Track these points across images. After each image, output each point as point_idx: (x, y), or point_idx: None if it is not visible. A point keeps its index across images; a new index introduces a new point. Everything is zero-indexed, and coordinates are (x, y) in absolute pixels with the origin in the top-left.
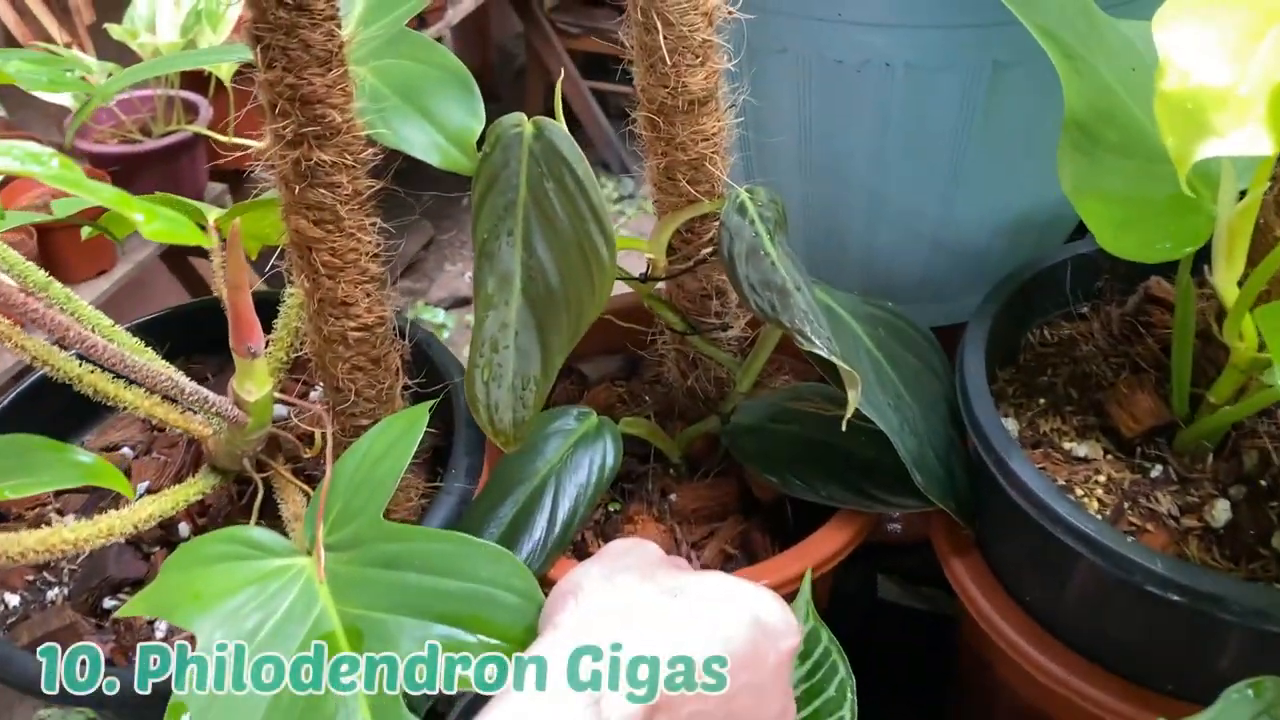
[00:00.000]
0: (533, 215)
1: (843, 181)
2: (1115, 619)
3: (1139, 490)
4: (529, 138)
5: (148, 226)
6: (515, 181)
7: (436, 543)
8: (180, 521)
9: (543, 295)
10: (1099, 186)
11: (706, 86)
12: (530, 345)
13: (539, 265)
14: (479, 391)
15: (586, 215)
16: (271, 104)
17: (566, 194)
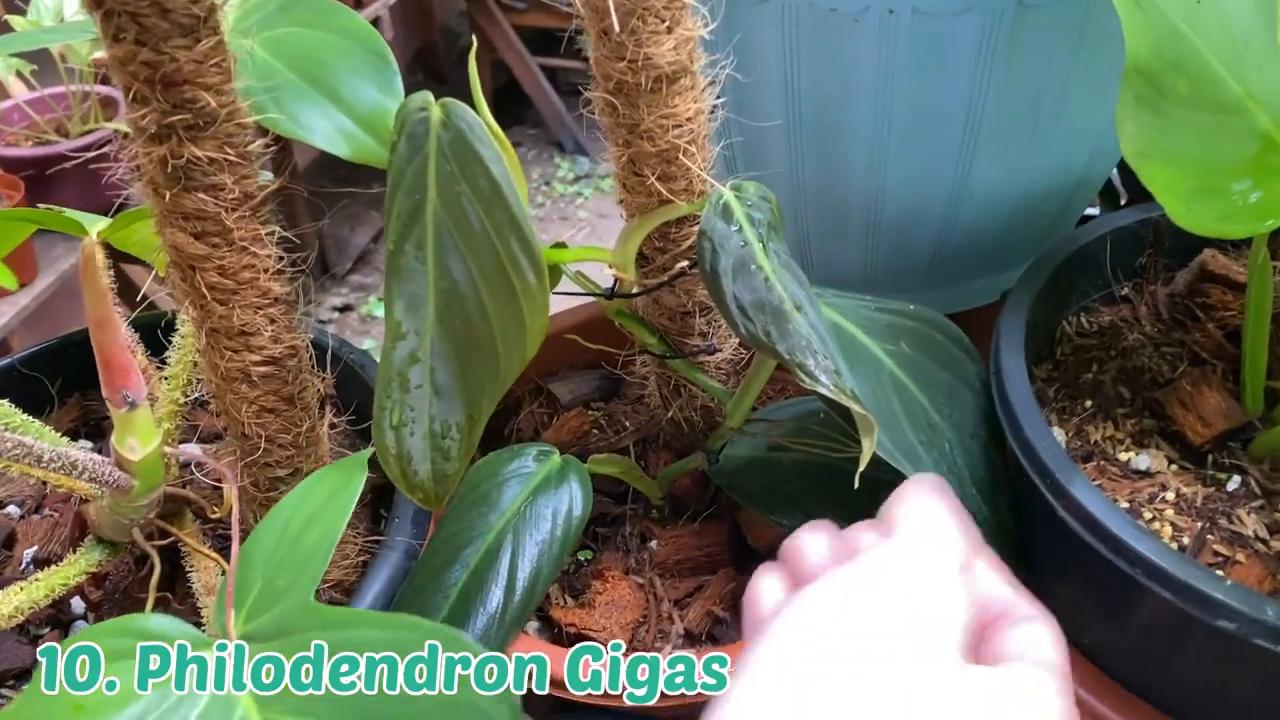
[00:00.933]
0: (445, 225)
1: (839, 158)
2: (1206, 671)
3: (1217, 509)
4: (436, 125)
5: None
6: (422, 181)
7: (382, 629)
8: (72, 596)
9: (462, 326)
10: (1168, 148)
11: (676, 59)
12: (449, 385)
13: (454, 289)
14: (387, 439)
15: (506, 229)
16: (126, 88)
17: (482, 200)
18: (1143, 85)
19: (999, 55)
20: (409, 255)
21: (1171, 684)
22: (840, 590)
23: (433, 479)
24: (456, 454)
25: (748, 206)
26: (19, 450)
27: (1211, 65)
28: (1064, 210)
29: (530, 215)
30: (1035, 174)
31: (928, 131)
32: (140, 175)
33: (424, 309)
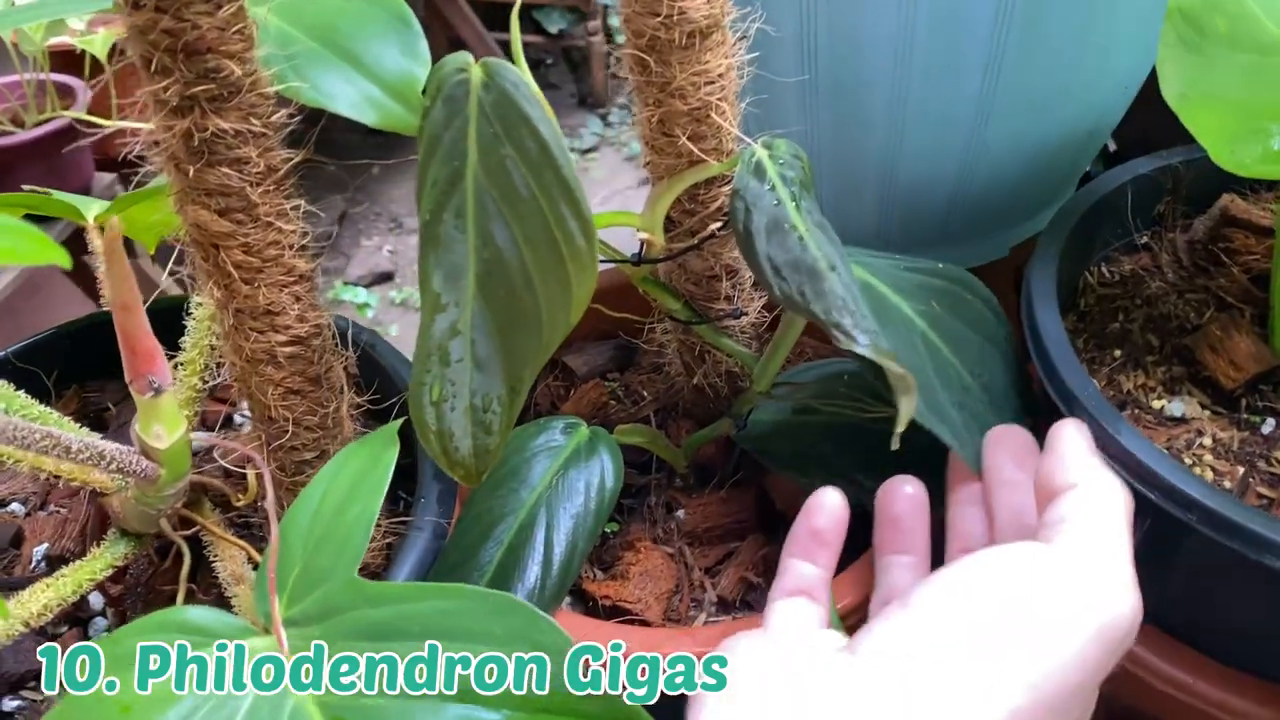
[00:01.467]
0: (486, 191)
1: (856, 116)
2: (1255, 614)
3: (1255, 452)
4: (477, 87)
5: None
6: (462, 146)
7: (433, 599)
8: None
9: (505, 295)
10: (1210, 90)
11: (710, 13)
12: (490, 357)
13: (497, 256)
14: (427, 415)
15: (555, 192)
16: (146, 59)
17: (529, 163)
18: (1184, 26)
19: (1019, 6)
20: (447, 224)
21: (1219, 628)
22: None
23: (474, 454)
24: (498, 428)
25: (780, 165)
26: (47, 441)
27: (1249, 5)
28: (1074, 163)
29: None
30: (1052, 124)
31: (946, 86)
32: (160, 151)
33: (464, 279)
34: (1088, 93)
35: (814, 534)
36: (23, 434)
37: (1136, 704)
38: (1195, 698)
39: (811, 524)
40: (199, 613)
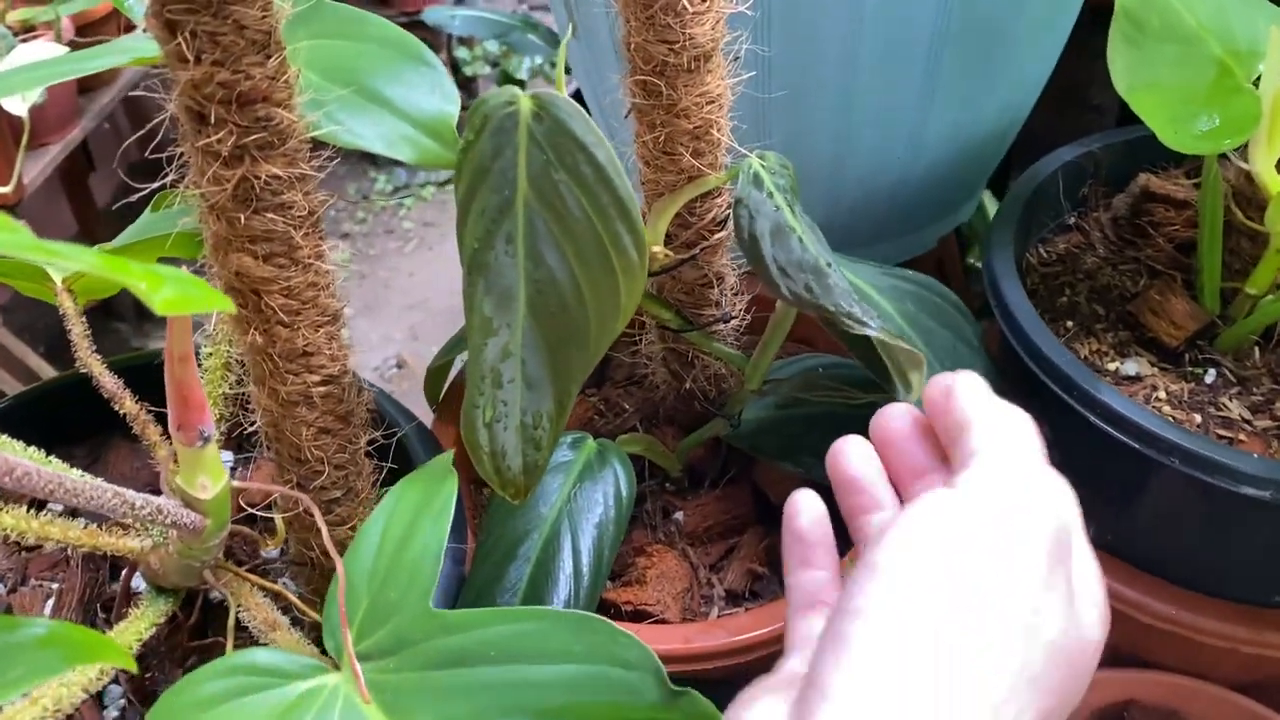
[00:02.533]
0: (538, 216)
1: (808, 119)
2: (1227, 538)
3: (1204, 399)
4: (526, 118)
5: (156, 296)
6: (511, 175)
7: (510, 623)
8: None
9: (556, 313)
10: (1151, 79)
11: (713, 37)
12: (540, 375)
13: (549, 276)
14: (480, 437)
15: (611, 211)
16: (197, 112)
17: (584, 186)
18: (1127, 24)
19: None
20: (498, 250)
21: (1193, 559)
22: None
23: (523, 471)
24: (546, 443)
25: (773, 174)
26: (116, 502)
27: (1171, 1)
28: (995, 157)
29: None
30: (984, 116)
31: (890, 91)
32: (203, 202)
33: (515, 302)
34: (1008, 92)
35: (800, 538)
36: (88, 494)
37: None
38: (1178, 626)
39: (794, 529)
40: (265, 655)
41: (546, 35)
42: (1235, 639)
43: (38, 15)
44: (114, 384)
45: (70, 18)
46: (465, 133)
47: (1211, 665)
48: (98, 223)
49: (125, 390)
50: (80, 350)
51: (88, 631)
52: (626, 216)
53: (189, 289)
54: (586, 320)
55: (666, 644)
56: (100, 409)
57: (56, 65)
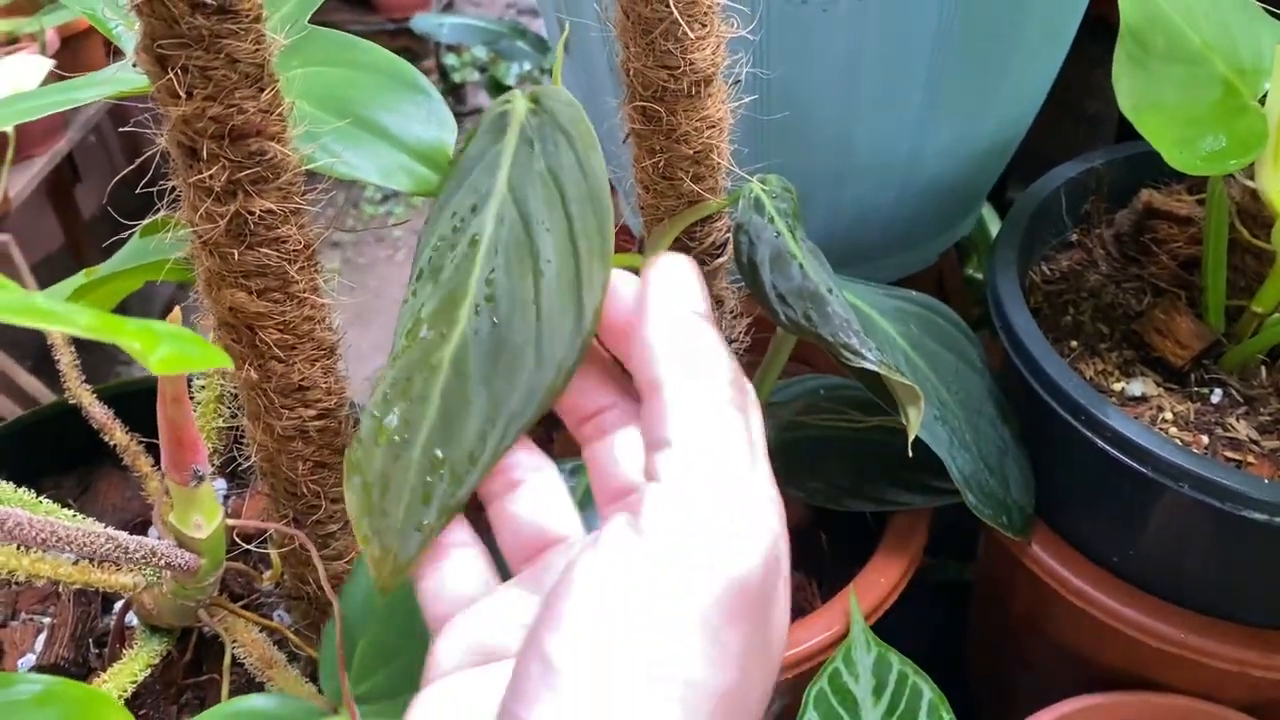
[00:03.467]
0: (509, 213)
1: (807, 138)
2: (1236, 562)
3: (1211, 420)
4: (521, 115)
5: (153, 356)
6: (492, 174)
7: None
8: None
9: (502, 326)
10: (1156, 99)
11: (714, 61)
12: (462, 403)
13: (504, 280)
14: (360, 455)
15: (586, 208)
16: (189, 148)
17: (558, 178)
18: (1133, 44)
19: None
20: (458, 252)
21: (1201, 582)
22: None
23: (399, 529)
24: (440, 502)
25: (774, 199)
26: (108, 545)
27: (1177, 22)
28: (993, 173)
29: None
30: (984, 130)
31: (891, 103)
32: (194, 238)
33: (459, 310)
34: (1008, 106)
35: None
36: (78, 539)
37: (1124, 665)
38: (1185, 649)
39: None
40: (262, 700)
41: (535, 42)
42: (1245, 662)
43: (21, 26)
44: (103, 414)
45: (55, 29)
46: (458, 142)
47: (1220, 688)
48: (83, 234)
49: (115, 421)
50: (69, 381)
51: (84, 688)
52: (600, 215)
53: (185, 347)
54: (536, 339)
55: None
56: (89, 437)
57: (44, 97)
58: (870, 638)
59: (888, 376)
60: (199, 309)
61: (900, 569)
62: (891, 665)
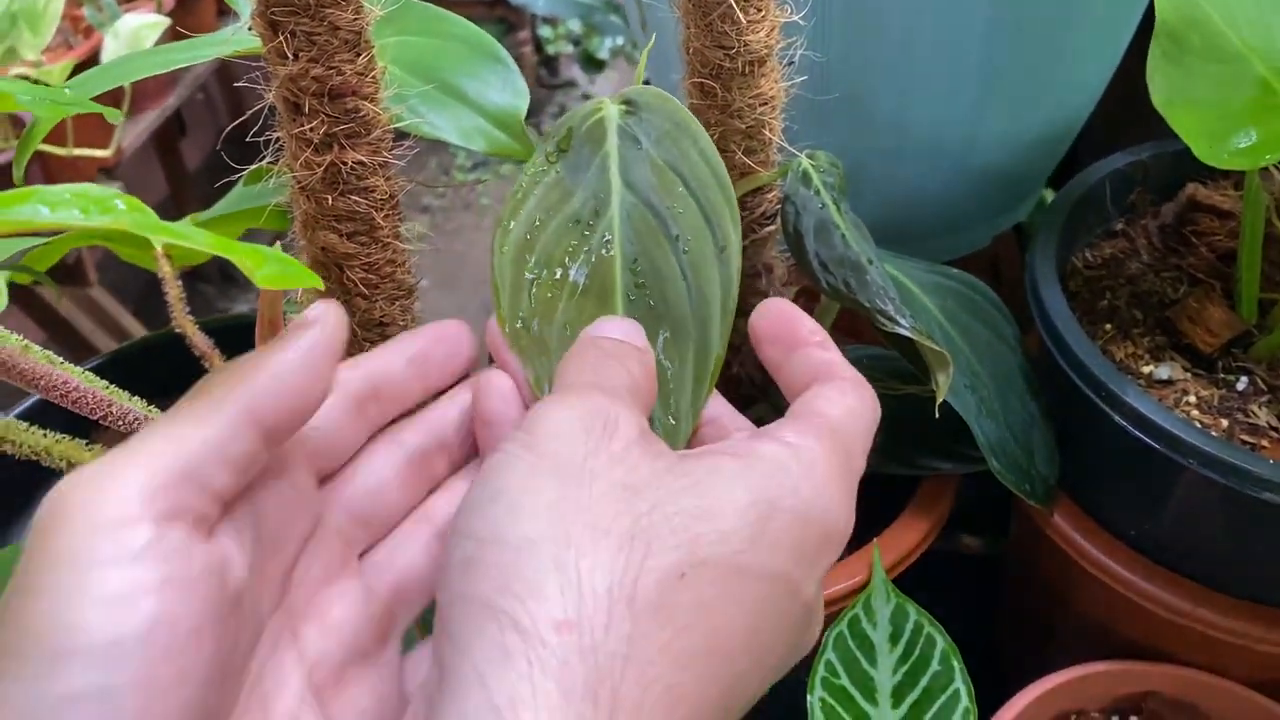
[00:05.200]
0: (635, 211)
1: (863, 119)
2: (1245, 541)
3: (1233, 405)
4: (615, 119)
5: (259, 272)
6: (605, 176)
7: None
8: None
9: (659, 306)
10: (1191, 96)
11: (768, 43)
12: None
13: (650, 272)
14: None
15: (711, 185)
16: (292, 103)
17: (676, 168)
18: (1168, 42)
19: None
20: (593, 255)
21: (1213, 558)
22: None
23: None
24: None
25: (821, 173)
26: None
27: (1216, 21)
28: (1052, 157)
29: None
30: (1039, 115)
31: (946, 88)
32: (294, 184)
33: (608, 306)
34: (1065, 94)
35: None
36: None
37: (1138, 636)
38: (1196, 622)
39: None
40: None
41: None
42: (1249, 637)
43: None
44: (205, 343)
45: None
46: (542, 151)
47: (1227, 662)
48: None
49: (215, 350)
50: (176, 311)
51: None
52: (722, 185)
53: (287, 268)
54: (690, 315)
55: None
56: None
57: (169, 54)
58: (890, 589)
59: (919, 341)
60: (294, 251)
61: (923, 530)
62: (909, 615)
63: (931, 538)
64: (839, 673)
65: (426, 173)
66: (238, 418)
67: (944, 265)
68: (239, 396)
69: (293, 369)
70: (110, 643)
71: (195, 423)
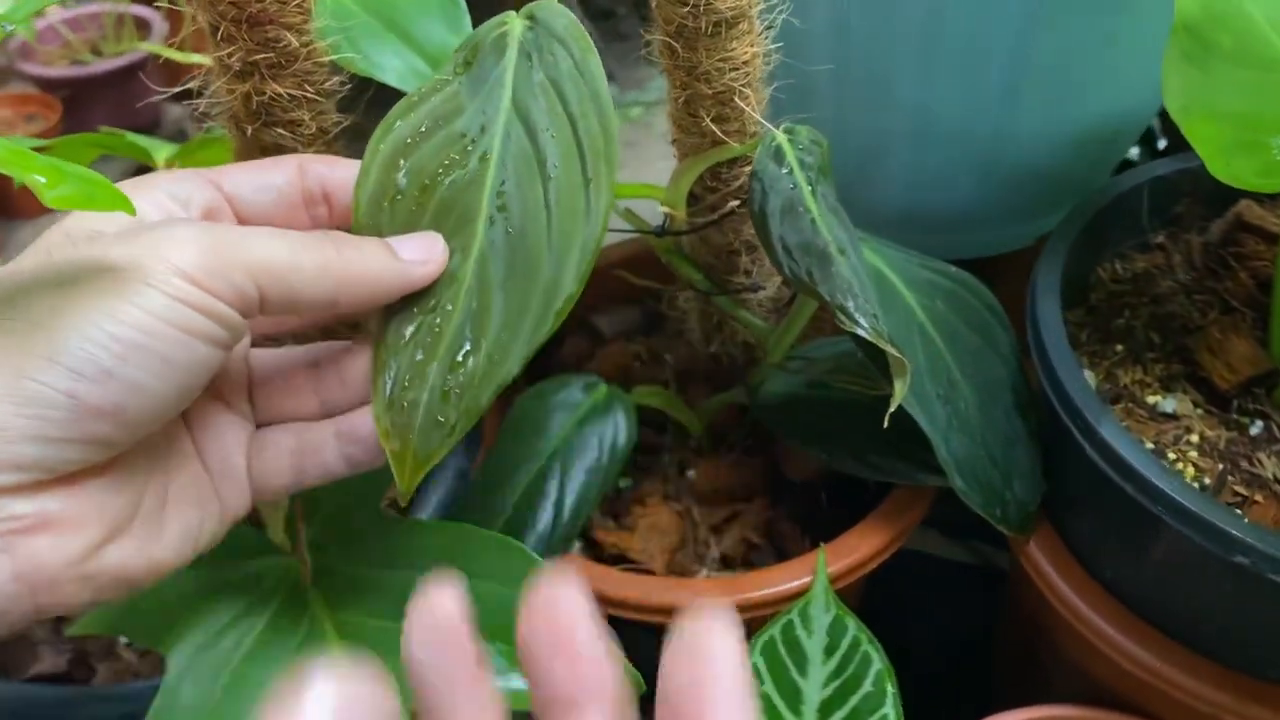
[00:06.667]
0: (515, 126)
1: (886, 99)
2: (1225, 603)
3: (1239, 451)
4: (519, 33)
5: (50, 192)
6: (499, 93)
7: (435, 535)
8: None
9: (514, 237)
10: (1211, 103)
11: (736, 5)
12: (483, 314)
13: (514, 191)
14: (386, 357)
15: (588, 108)
16: (213, 26)
17: (559, 85)
18: (1189, 41)
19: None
20: (470, 169)
21: (1186, 615)
22: None
23: (420, 430)
24: (468, 388)
25: (799, 150)
26: None
27: (1257, 22)
28: (1104, 156)
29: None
30: (1078, 117)
31: (973, 75)
32: (222, 110)
33: (473, 224)
34: (1114, 93)
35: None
36: None
37: (1111, 683)
38: (1163, 682)
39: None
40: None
41: None
42: (1219, 705)
43: None
44: None
45: None
46: (453, 62)
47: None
48: None
49: None
50: None
51: None
52: (602, 116)
53: (90, 189)
54: (548, 241)
55: (623, 591)
56: None
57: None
58: (831, 598)
59: (877, 345)
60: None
61: (883, 540)
62: (848, 628)
63: (894, 547)
64: (763, 678)
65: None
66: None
67: (943, 262)
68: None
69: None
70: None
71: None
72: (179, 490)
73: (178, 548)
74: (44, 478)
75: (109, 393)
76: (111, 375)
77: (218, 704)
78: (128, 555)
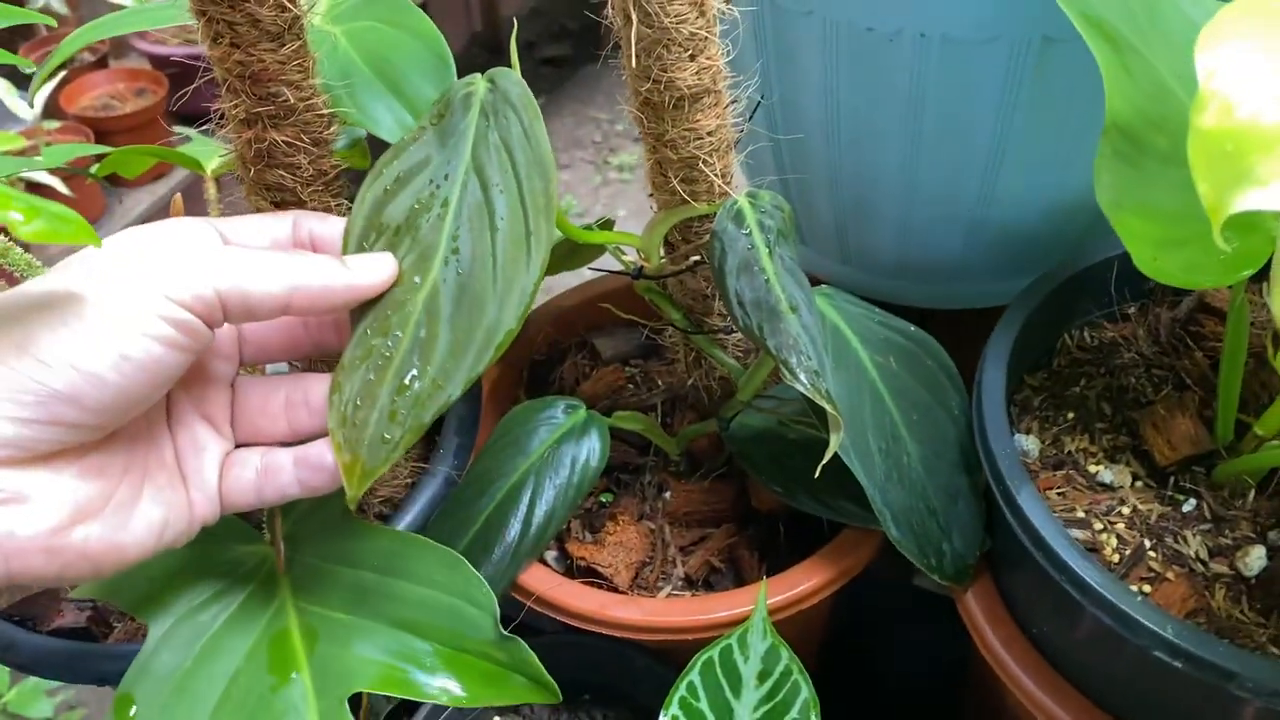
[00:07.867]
0: (473, 180)
1: (874, 160)
2: (1125, 671)
3: (1167, 527)
4: (482, 94)
5: (25, 227)
6: (462, 147)
7: (391, 542)
8: None
9: (465, 277)
10: (1143, 201)
11: (698, 83)
12: (430, 343)
13: (469, 236)
14: (341, 378)
15: (532, 172)
16: (222, 80)
17: (509, 147)
18: (1121, 141)
19: (1024, 82)
20: (433, 213)
21: (1099, 679)
22: None
23: (368, 445)
24: (414, 408)
25: (760, 213)
26: None
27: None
28: (1090, 221)
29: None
30: (1064, 186)
31: (956, 145)
32: (232, 151)
33: (431, 261)
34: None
35: None
36: None
37: None
38: None
39: None
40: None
41: None
42: None
43: None
44: None
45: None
46: (429, 114)
47: None
48: None
49: None
50: None
51: None
52: (544, 178)
53: (60, 224)
54: (494, 285)
55: (581, 603)
56: None
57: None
58: (769, 628)
59: (814, 400)
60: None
61: (828, 576)
62: (781, 658)
63: (836, 585)
64: (699, 695)
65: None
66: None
67: (903, 320)
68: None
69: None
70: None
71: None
72: (154, 491)
73: (142, 540)
74: (20, 455)
75: (71, 380)
76: (75, 367)
77: (188, 671)
78: (93, 537)
